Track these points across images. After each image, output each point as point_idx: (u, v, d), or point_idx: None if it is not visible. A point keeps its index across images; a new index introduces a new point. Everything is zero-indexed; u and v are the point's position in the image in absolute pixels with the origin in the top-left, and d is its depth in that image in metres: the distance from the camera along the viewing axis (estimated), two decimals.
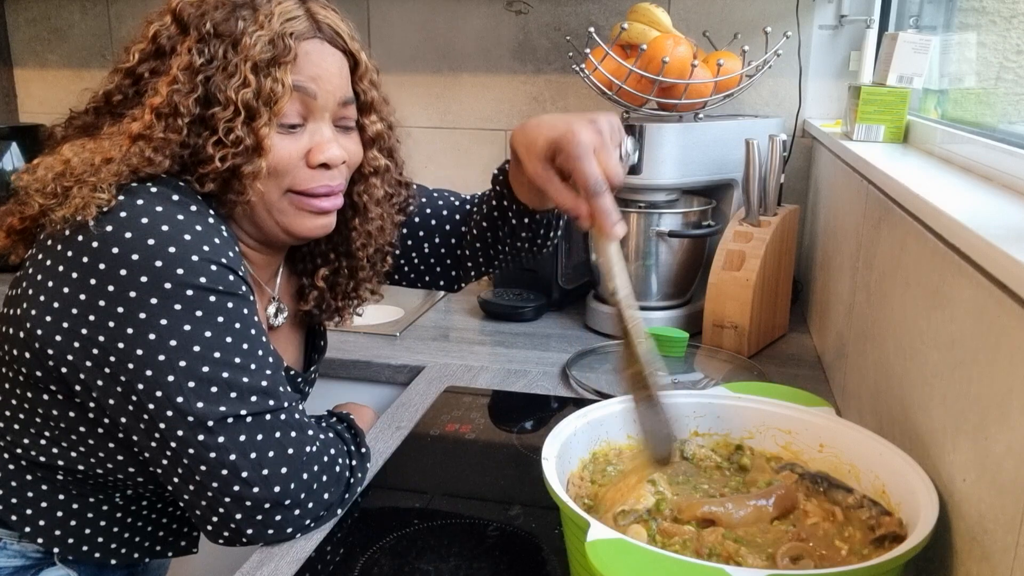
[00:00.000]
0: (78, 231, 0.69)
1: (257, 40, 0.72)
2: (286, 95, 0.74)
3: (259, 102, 0.73)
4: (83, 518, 0.81)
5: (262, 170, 0.74)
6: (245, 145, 0.73)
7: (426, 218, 1.04)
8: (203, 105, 0.73)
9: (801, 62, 1.56)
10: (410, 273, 1.07)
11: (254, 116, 0.73)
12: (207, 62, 0.73)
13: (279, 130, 0.76)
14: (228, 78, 0.72)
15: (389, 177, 0.90)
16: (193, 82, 0.73)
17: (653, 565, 0.54)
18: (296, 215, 0.80)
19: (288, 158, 0.76)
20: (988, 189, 0.80)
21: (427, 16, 1.76)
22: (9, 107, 2.06)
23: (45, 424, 0.76)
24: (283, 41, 0.73)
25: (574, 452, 0.75)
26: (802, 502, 0.70)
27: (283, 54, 0.73)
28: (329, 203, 0.81)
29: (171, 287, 0.68)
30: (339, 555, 0.76)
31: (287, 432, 0.74)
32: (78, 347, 0.69)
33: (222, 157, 0.73)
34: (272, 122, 0.74)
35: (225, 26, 0.73)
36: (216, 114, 0.73)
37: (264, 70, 0.73)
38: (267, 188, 0.77)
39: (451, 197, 1.07)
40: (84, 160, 0.71)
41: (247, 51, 0.72)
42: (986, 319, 0.57)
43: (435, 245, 1.05)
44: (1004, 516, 0.52)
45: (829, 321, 1.23)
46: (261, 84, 0.72)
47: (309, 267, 0.93)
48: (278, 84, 0.73)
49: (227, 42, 0.73)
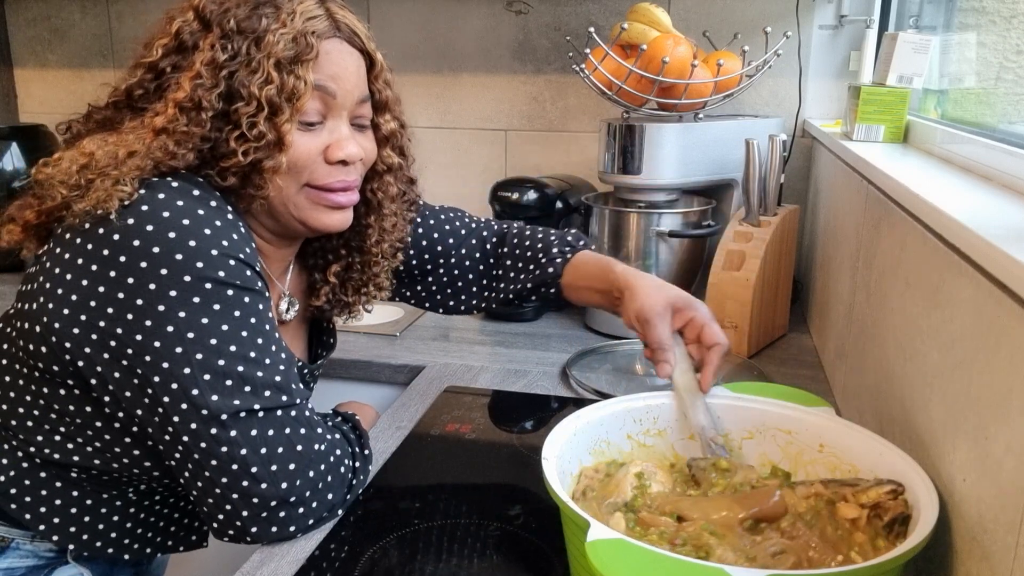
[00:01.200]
0: (99, 224, 0.70)
1: (280, 38, 0.74)
2: (308, 92, 0.75)
3: (282, 98, 0.74)
4: (97, 514, 0.82)
5: (282, 165, 0.75)
6: (267, 140, 0.74)
7: (446, 245, 1.06)
8: (226, 100, 0.74)
9: (801, 62, 1.56)
10: (422, 292, 1.09)
11: (277, 112, 0.74)
12: (230, 58, 0.74)
13: (299, 127, 0.77)
14: (251, 74, 0.73)
15: (401, 175, 0.91)
16: (216, 77, 0.73)
17: (653, 565, 0.54)
18: (313, 209, 0.81)
19: (307, 154, 0.78)
20: (988, 189, 0.80)
21: (427, 16, 1.76)
22: (9, 107, 2.06)
23: (60, 420, 0.77)
24: (305, 39, 0.75)
25: (574, 452, 0.75)
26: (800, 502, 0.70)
27: (305, 52, 0.75)
28: (345, 198, 0.82)
29: (190, 280, 0.69)
30: (340, 554, 0.76)
31: (297, 429, 0.75)
32: (95, 339, 0.70)
33: (244, 151, 0.74)
34: (294, 118, 0.75)
35: (248, 23, 0.74)
36: (239, 109, 0.73)
37: (287, 67, 0.74)
38: (286, 183, 0.78)
39: (461, 226, 1.08)
40: (108, 153, 0.72)
41: (270, 48, 0.73)
42: (986, 319, 0.57)
43: (450, 272, 1.07)
44: (1004, 516, 0.52)
45: (829, 321, 1.23)
46: (284, 81, 0.74)
47: (320, 263, 0.94)
48: (300, 81, 0.74)
49: (250, 39, 0.74)
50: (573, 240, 1.04)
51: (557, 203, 1.47)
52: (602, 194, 1.50)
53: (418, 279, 1.08)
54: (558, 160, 1.76)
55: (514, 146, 1.79)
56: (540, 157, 1.78)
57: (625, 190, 1.38)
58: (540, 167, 1.76)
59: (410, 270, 1.06)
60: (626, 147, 1.32)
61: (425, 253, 1.06)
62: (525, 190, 1.47)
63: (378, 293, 0.96)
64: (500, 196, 1.48)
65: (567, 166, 1.74)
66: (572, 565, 0.68)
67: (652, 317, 0.87)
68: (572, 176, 1.62)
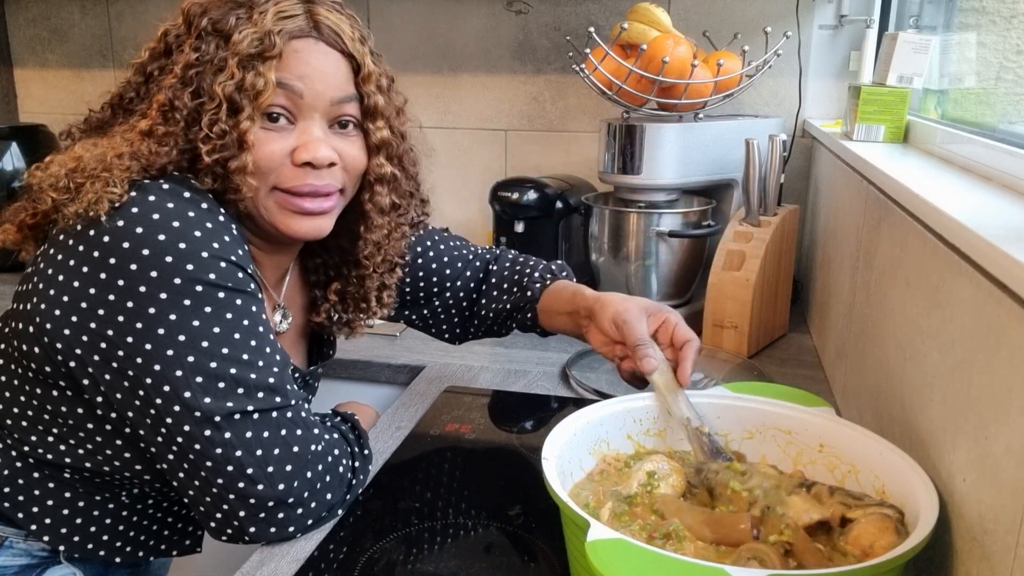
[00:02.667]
0: (90, 226, 0.70)
1: (246, 36, 0.73)
2: (268, 90, 0.74)
3: (241, 96, 0.73)
4: (89, 516, 0.81)
5: (248, 165, 0.74)
6: (229, 138, 0.73)
7: (443, 276, 1.07)
8: (195, 99, 0.74)
9: (801, 62, 1.56)
10: (415, 318, 1.11)
11: (237, 110, 0.73)
12: (200, 57, 0.74)
13: (264, 126, 0.76)
14: (216, 72, 0.73)
15: (398, 187, 0.88)
16: (187, 77, 0.74)
17: (653, 565, 0.54)
18: (280, 213, 0.79)
19: (272, 155, 0.76)
20: (988, 189, 0.80)
21: (427, 16, 1.76)
22: (9, 107, 2.06)
23: (53, 421, 0.77)
24: (270, 38, 0.74)
25: (574, 452, 0.75)
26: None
27: (268, 49, 0.74)
28: (312, 204, 0.79)
29: (181, 283, 0.69)
30: (340, 555, 0.76)
31: (293, 430, 0.75)
32: (86, 341, 0.70)
33: (209, 151, 0.73)
34: (255, 116, 0.74)
35: (221, 23, 0.74)
36: (204, 106, 0.73)
37: (248, 65, 0.73)
38: (257, 185, 0.77)
39: (459, 257, 1.08)
40: (96, 156, 0.72)
41: (236, 46, 0.73)
42: (986, 319, 0.57)
43: (445, 300, 1.08)
44: (1004, 516, 0.52)
45: (829, 321, 1.23)
46: (244, 78, 0.73)
47: (323, 279, 0.93)
48: (260, 79, 0.73)
49: (219, 38, 0.74)
50: (556, 270, 1.06)
51: (557, 203, 1.47)
52: (602, 194, 1.50)
53: (422, 303, 1.09)
54: (558, 160, 1.76)
55: (514, 146, 1.79)
56: (540, 157, 1.78)
57: (625, 190, 1.38)
58: (540, 167, 1.76)
59: (416, 293, 1.06)
60: (626, 147, 1.32)
61: (434, 276, 1.06)
62: (525, 190, 1.47)
63: (380, 309, 0.94)
64: (500, 196, 1.48)
65: (567, 166, 1.74)
66: (572, 565, 0.68)
67: (629, 318, 0.89)
68: (572, 176, 1.62)
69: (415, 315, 1.10)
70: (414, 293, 1.06)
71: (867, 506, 0.64)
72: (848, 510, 0.65)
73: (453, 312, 1.10)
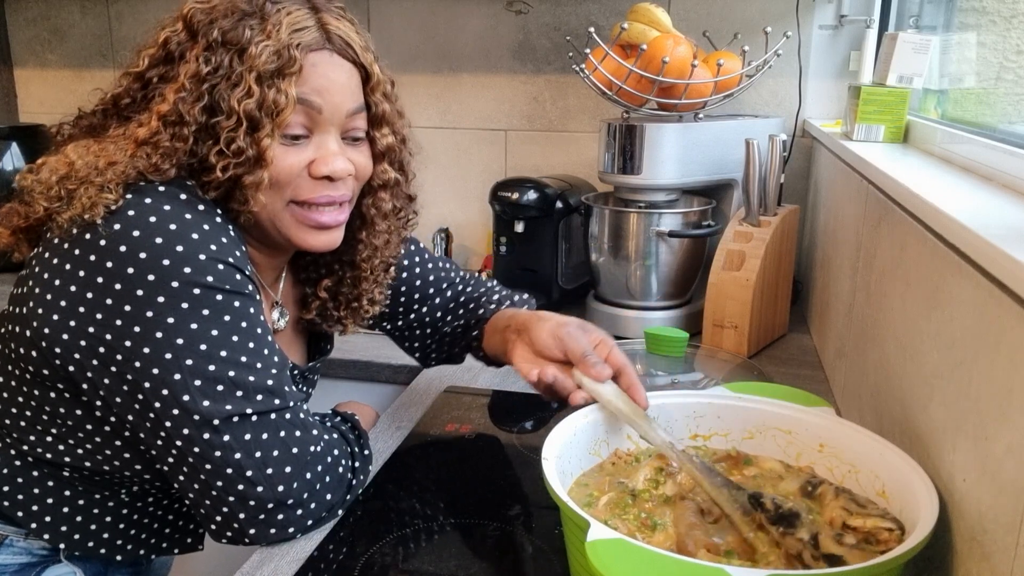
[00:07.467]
0: (86, 230, 0.69)
1: (263, 51, 0.72)
2: (289, 107, 0.73)
3: (262, 113, 0.72)
4: (89, 515, 0.81)
5: (264, 181, 0.74)
6: (247, 156, 0.73)
7: (424, 291, 1.05)
8: (208, 114, 0.73)
9: (801, 62, 1.56)
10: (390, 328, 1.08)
11: (257, 127, 0.73)
12: (213, 71, 0.72)
13: (283, 141, 0.75)
14: (232, 88, 0.72)
15: (398, 191, 0.89)
16: (199, 90, 0.72)
17: (653, 565, 0.54)
18: (297, 228, 0.79)
19: (290, 170, 0.76)
20: (988, 189, 0.80)
21: (427, 16, 1.76)
22: (9, 107, 2.06)
23: (52, 421, 0.77)
24: (289, 52, 0.73)
25: (574, 452, 0.75)
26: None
27: (288, 65, 0.73)
28: (329, 217, 0.80)
29: (178, 285, 0.69)
30: (340, 555, 0.76)
31: (292, 432, 0.75)
32: (84, 345, 0.70)
33: (223, 167, 0.73)
34: (275, 133, 0.73)
35: (233, 34, 0.73)
36: (220, 123, 0.72)
37: (268, 81, 0.72)
38: (270, 199, 0.76)
39: (445, 280, 1.07)
40: (88, 163, 0.71)
41: (252, 61, 0.72)
42: (986, 319, 0.57)
43: (420, 315, 1.06)
44: (1004, 516, 0.52)
45: (829, 321, 1.23)
46: (264, 95, 0.72)
47: (313, 276, 0.93)
48: (282, 95, 0.72)
49: (233, 51, 0.73)
50: (518, 300, 1.05)
51: (557, 203, 1.47)
52: (602, 194, 1.50)
53: (400, 314, 1.06)
54: (558, 160, 1.76)
55: (514, 146, 1.79)
56: (540, 157, 1.78)
57: (625, 190, 1.38)
58: (540, 167, 1.76)
59: (395, 306, 1.04)
60: (626, 147, 1.32)
61: (415, 293, 1.04)
62: (525, 190, 1.47)
63: (371, 308, 0.94)
64: (500, 196, 1.48)
65: (567, 166, 1.74)
66: (572, 565, 0.68)
67: (571, 330, 0.86)
68: (572, 176, 1.62)
69: (391, 326, 1.08)
70: (394, 304, 1.04)
71: (868, 516, 0.64)
72: (849, 516, 0.65)
73: (428, 331, 1.07)
